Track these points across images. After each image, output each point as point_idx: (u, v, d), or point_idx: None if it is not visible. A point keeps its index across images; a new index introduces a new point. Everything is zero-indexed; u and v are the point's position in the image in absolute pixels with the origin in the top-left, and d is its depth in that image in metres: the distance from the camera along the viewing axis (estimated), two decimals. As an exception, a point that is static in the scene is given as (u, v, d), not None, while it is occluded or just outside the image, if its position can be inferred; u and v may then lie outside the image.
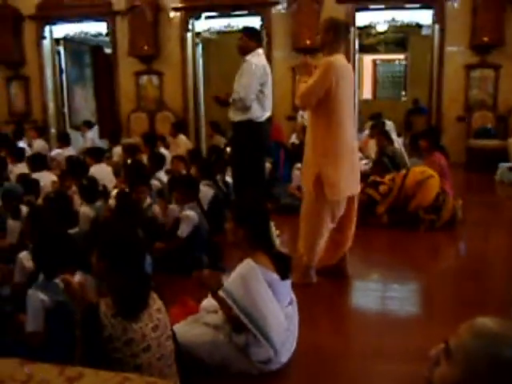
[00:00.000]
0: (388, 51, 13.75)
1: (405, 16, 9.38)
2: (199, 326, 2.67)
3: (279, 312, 2.63)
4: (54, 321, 2.42)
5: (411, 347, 2.79)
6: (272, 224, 2.78)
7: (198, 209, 4.30)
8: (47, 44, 10.31)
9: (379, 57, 13.95)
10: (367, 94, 13.92)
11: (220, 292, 2.54)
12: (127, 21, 9.61)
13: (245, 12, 9.46)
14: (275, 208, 5.55)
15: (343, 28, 3.73)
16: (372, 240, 5.01)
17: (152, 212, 4.41)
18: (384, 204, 5.38)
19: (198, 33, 9.89)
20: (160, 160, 5.82)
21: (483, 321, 1.06)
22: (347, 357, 2.86)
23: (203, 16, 9.64)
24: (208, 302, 2.81)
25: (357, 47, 9.44)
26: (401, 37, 13.22)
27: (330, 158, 3.58)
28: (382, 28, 12.02)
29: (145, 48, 9.57)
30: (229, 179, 5.71)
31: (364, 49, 12.35)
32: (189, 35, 9.68)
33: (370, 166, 6.52)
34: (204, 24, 9.86)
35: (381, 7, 9.18)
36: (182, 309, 2.96)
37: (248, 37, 4.83)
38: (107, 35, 10.11)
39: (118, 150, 7.58)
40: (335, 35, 3.61)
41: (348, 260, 3.98)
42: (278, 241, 2.80)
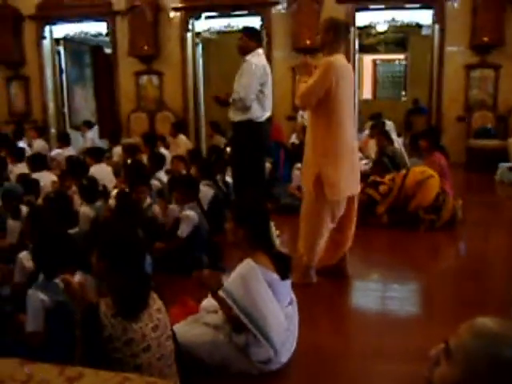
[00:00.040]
0: (388, 51, 13.75)
1: (405, 16, 9.38)
2: (199, 326, 2.67)
3: (279, 312, 2.63)
4: (54, 321, 2.42)
5: (411, 347, 2.79)
6: (272, 224, 2.78)
7: (198, 209, 4.30)
8: (47, 44, 10.31)
9: (379, 57, 13.95)
10: (367, 94, 13.91)
11: (220, 292, 2.54)
12: (127, 21, 9.62)
13: (245, 12, 9.46)
14: (275, 208, 5.55)
15: (343, 28, 3.73)
16: (372, 240, 5.01)
17: (152, 212, 4.41)
18: (384, 204, 5.38)
19: (198, 33, 9.89)
20: (160, 160, 5.82)
21: (483, 321, 1.06)
22: (347, 357, 2.86)
23: (203, 16, 9.64)
24: (208, 302, 2.81)
25: (357, 47, 9.44)
26: (401, 37, 13.22)
27: (330, 158, 3.58)
28: (382, 28, 12.01)
29: (145, 48, 9.57)
30: (229, 179, 5.70)
31: (364, 49, 12.35)
32: (189, 35, 9.68)
33: (370, 166, 6.53)
34: (204, 24, 9.86)
35: (381, 7, 9.18)
36: (182, 309, 2.96)
37: (248, 37, 4.83)
38: (107, 35, 10.11)
39: (118, 150, 7.58)
40: (335, 35, 3.61)
41: (348, 260, 3.98)
42: (278, 241, 2.80)
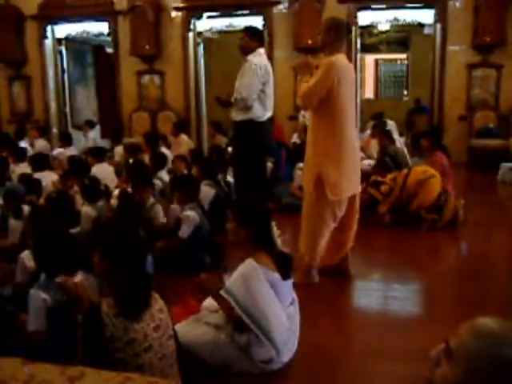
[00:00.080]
0: (390, 51, 13.74)
1: (407, 15, 9.37)
2: (201, 326, 2.67)
3: (281, 312, 2.63)
4: (56, 320, 2.42)
5: (412, 347, 2.79)
6: (273, 224, 2.78)
7: (199, 209, 4.30)
8: (49, 44, 10.33)
9: (381, 56, 13.93)
10: (369, 94, 13.89)
11: (221, 292, 2.54)
12: (129, 20, 9.62)
13: (246, 12, 9.47)
14: (277, 208, 5.54)
15: (344, 28, 3.72)
16: (373, 240, 5.01)
17: (154, 212, 4.41)
18: (386, 204, 5.37)
19: (200, 32, 9.89)
20: (162, 160, 5.81)
21: (484, 321, 1.06)
22: (348, 356, 2.86)
23: (205, 16, 9.64)
24: (209, 302, 2.81)
25: (359, 47, 9.45)
26: (403, 36, 13.21)
27: (332, 158, 3.57)
28: (384, 27, 11.98)
29: (146, 48, 9.58)
30: (230, 179, 5.70)
31: (366, 48, 12.34)
32: (190, 35, 9.68)
33: (372, 166, 6.52)
34: (206, 24, 9.86)
35: (382, 7, 9.17)
36: (184, 308, 2.96)
37: (249, 36, 4.83)
38: (109, 35, 10.11)
39: (120, 150, 7.60)
40: (336, 35, 3.60)
41: (350, 260, 3.98)
42: (280, 241, 2.80)
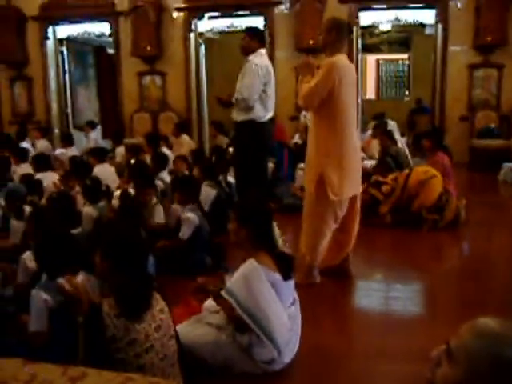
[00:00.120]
0: (391, 51, 13.73)
1: (408, 15, 9.37)
2: (202, 326, 2.67)
3: (282, 312, 2.62)
4: (57, 321, 2.42)
5: (414, 347, 2.79)
6: (275, 224, 2.78)
7: (199, 211, 4.29)
8: (50, 44, 10.34)
9: (382, 56, 13.92)
10: (370, 94, 13.88)
11: (223, 293, 2.54)
12: (130, 21, 9.64)
13: (248, 12, 9.47)
14: (278, 208, 5.55)
15: (346, 28, 3.72)
16: (375, 240, 5.01)
17: (155, 212, 4.41)
18: (387, 204, 5.37)
19: (201, 33, 9.90)
20: (163, 160, 5.81)
21: (485, 321, 1.06)
22: (350, 357, 2.86)
23: (206, 16, 9.64)
24: (210, 303, 2.81)
25: (360, 47, 9.45)
26: (404, 36, 13.20)
27: (333, 159, 3.57)
28: (385, 27, 11.98)
29: (148, 48, 9.58)
30: (231, 179, 5.70)
31: (367, 48, 12.35)
32: (192, 35, 9.68)
33: (373, 166, 6.52)
34: (207, 24, 9.86)
35: (384, 7, 9.18)
36: (185, 309, 2.96)
37: (251, 37, 4.83)
38: (110, 36, 10.12)
39: (121, 150, 7.60)
40: (337, 35, 3.60)
41: (351, 260, 3.98)
42: (281, 241, 2.79)
